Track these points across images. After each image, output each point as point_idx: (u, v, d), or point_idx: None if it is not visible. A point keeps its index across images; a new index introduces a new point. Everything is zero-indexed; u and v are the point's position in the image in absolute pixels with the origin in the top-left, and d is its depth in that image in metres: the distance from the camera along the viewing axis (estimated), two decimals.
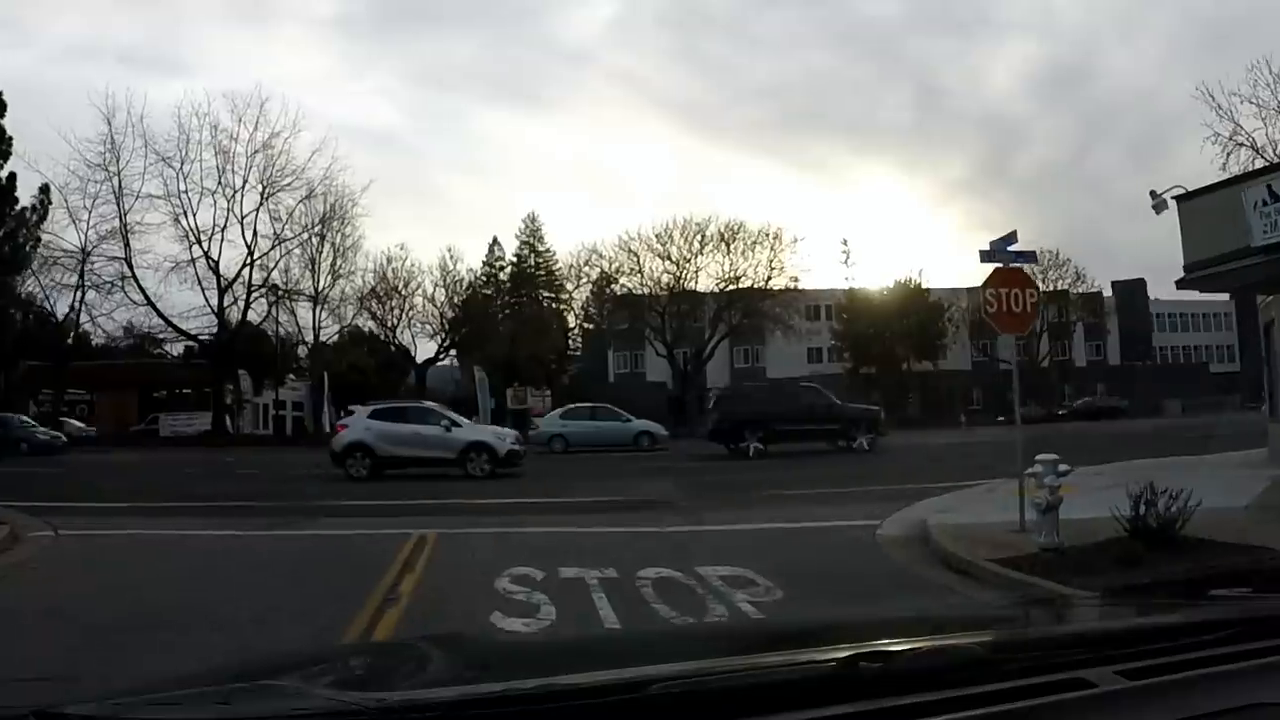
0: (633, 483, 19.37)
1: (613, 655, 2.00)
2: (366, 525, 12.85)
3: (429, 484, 20.03)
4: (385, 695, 1.37)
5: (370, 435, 21.79)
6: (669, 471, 22.65)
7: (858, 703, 1.31)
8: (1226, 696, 1.35)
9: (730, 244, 56.21)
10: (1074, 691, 1.35)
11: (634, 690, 1.33)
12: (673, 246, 56.66)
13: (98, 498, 16.54)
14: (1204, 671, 1.43)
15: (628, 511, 14.35)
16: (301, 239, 48.51)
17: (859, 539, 10.84)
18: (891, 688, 1.34)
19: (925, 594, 8.23)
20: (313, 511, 14.56)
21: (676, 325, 56.55)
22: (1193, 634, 1.58)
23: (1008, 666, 1.42)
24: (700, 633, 3.07)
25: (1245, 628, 1.60)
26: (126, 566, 9.87)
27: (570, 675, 1.45)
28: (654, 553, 9.63)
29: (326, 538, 12.04)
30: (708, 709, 1.31)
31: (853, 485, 16.92)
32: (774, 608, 7.19)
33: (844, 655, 1.41)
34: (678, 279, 56.57)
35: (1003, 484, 13.87)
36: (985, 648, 1.47)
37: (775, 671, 1.47)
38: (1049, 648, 1.58)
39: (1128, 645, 1.53)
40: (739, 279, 56.41)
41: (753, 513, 13.65)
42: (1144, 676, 1.40)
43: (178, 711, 1.42)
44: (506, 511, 14.60)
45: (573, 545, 10.48)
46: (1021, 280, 10.88)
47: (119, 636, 6.46)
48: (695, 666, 1.47)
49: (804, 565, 9.32)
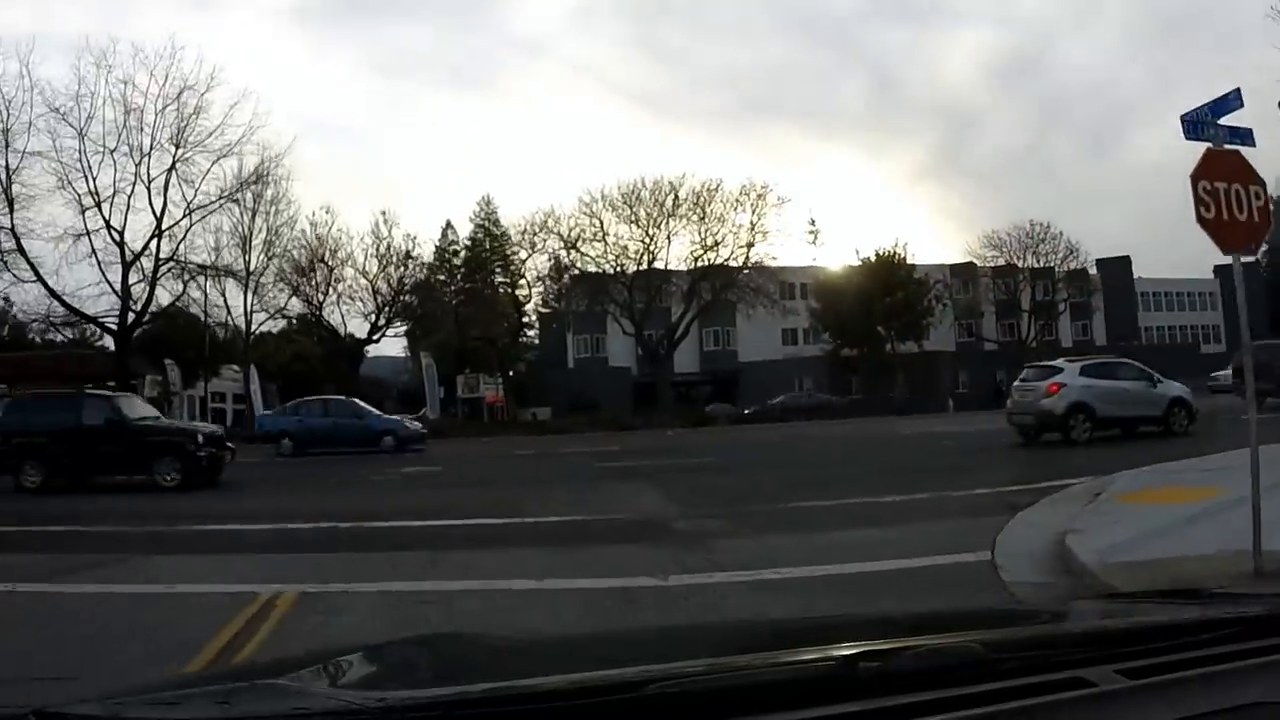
0: (601, 491, 15.42)
1: (611, 655, 1.92)
2: (189, 574, 8.67)
3: (337, 489, 16.07)
4: (385, 695, 1.36)
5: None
6: (654, 477, 17.27)
7: (857, 702, 1.30)
8: (1226, 696, 1.34)
9: (706, 206, 50.67)
10: (1073, 691, 1.34)
11: (632, 690, 1.31)
12: (641, 208, 50.64)
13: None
14: (1204, 671, 1.41)
15: (599, 542, 10.18)
16: (218, 206, 42.24)
17: (979, 584, 7.11)
18: (890, 687, 1.33)
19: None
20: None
21: (645, 302, 50.87)
22: (1193, 634, 1.57)
23: (1007, 666, 1.41)
24: (698, 632, 2.88)
25: (1245, 628, 1.59)
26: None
27: (569, 675, 1.44)
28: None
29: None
30: (706, 709, 1.29)
31: (889, 490, 12.83)
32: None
33: (843, 655, 1.40)
34: (646, 247, 50.81)
35: (1091, 484, 10.32)
36: (984, 647, 1.44)
37: (773, 671, 1.44)
38: (1048, 647, 1.55)
39: (1128, 645, 1.51)
40: (718, 244, 51.00)
41: (786, 540, 9.57)
42: (1144, 676, 1.39)
43: (178, 711, 1.41)
44: (408, 542, 10.36)
45: (522, 619, 6.68)
46: (1242, 171, 6.91)
47: None
48: (693, 666, 1.44)
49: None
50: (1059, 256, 62.20)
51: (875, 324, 56.31)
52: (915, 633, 1.71)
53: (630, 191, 50.29)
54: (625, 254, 50.69)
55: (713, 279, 51.08)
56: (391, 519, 12.17)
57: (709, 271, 50.97)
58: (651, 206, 50.32)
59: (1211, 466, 11.58)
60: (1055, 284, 63.70)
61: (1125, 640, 1.55)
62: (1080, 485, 11.40)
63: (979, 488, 12.43)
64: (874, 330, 56.85)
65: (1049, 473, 13.05)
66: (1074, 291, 64.36)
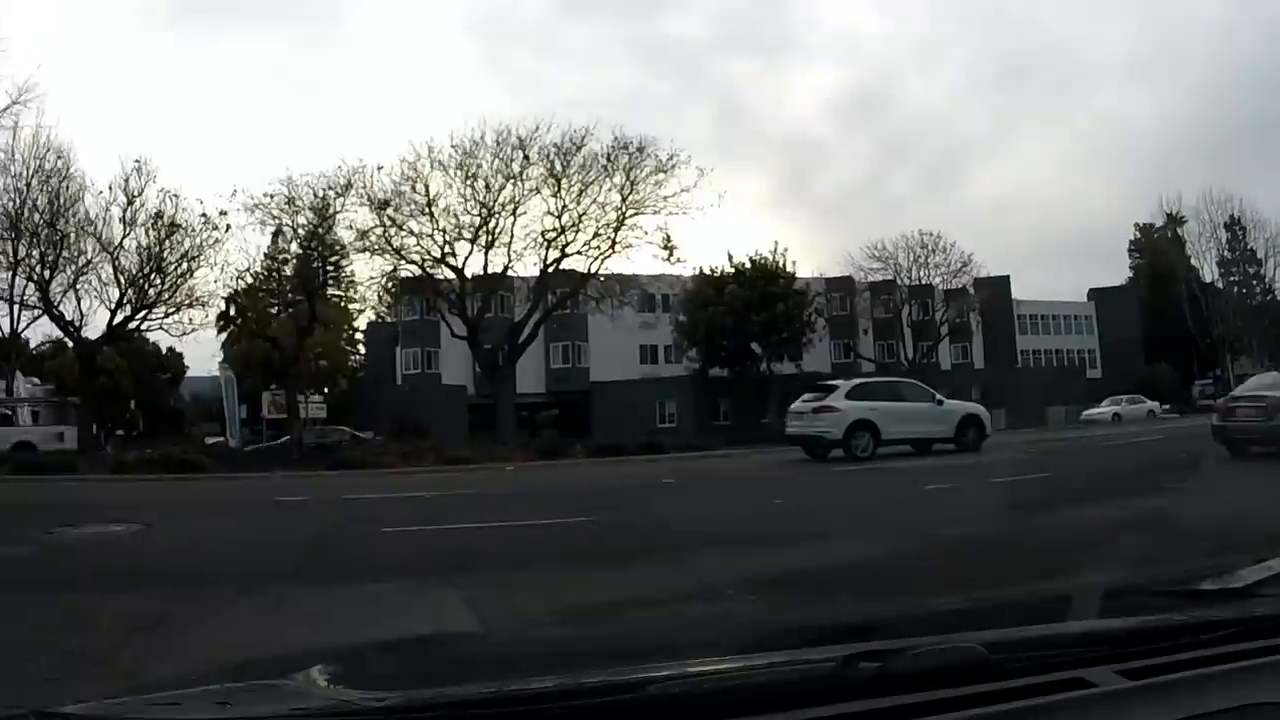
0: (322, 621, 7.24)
1: (611, 655, 1.93)
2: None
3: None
4: (385, 695, 1.37)
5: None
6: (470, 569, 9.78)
7: (856, 702, 1.30)
8: (1226, 696, 1.34)
9: (565, 165, 37.49)
10: (1074, 691, 1.35)
11: (632, 690, 1.32)
12: (479, 169, 37.35)
13: None
14: (1204, 671, 1.42)
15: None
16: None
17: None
18: (890, 687, 1.33)
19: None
20: None
21: (481, 296, 38.36)
22: (1193, 634, 1.59)
23: (1007, 666, 1.41)
24: (698, 632, 2.89)
25: (1245, 628, 1.60)
26: None
27: (569, 675, 1.46)
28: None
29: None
30: (706, 708, 1.29)
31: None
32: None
33: (843, 654, 1.40)
34: (485, 220, 37.50)
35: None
36: (985, 647, 1.44)
37: (773, 671, 1.45)
38: (1048, 647, 1.55)
39: (1128, 645, 1.52)
40: (577, 224, 38.04)
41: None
42: (1144, 676, 1.39)
43: (178, 711, 1.41)
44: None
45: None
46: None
47: None
48: (693, 666, 1.46)
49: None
50: (951, 271, 57.01)
51: (750, 340, 49.26)
52: (915, 632, 1.73)
53: (466, 151, 37.04)
54: (459, 230, 37.80)
55: (561, 284, 40.66)
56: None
57: (559, 275, 39.72)
58: (493, 172, 37.42)
59: None
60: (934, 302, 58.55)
61: (1125, 640, 1.55)
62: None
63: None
64: (748, 347, 49.82)
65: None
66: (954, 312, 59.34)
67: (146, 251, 34.73)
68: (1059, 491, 13.78)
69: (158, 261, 34.72)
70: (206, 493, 20.33)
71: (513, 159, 37.30)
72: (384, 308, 50.49)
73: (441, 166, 37.01)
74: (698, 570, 8.12)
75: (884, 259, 57.20)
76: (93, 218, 34.88)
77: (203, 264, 34.92)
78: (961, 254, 56.95)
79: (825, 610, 5.58)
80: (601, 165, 37.62)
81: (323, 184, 35.46)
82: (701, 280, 50.32)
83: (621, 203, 37.90)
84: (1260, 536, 7.21)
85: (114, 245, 34.74)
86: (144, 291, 35.12)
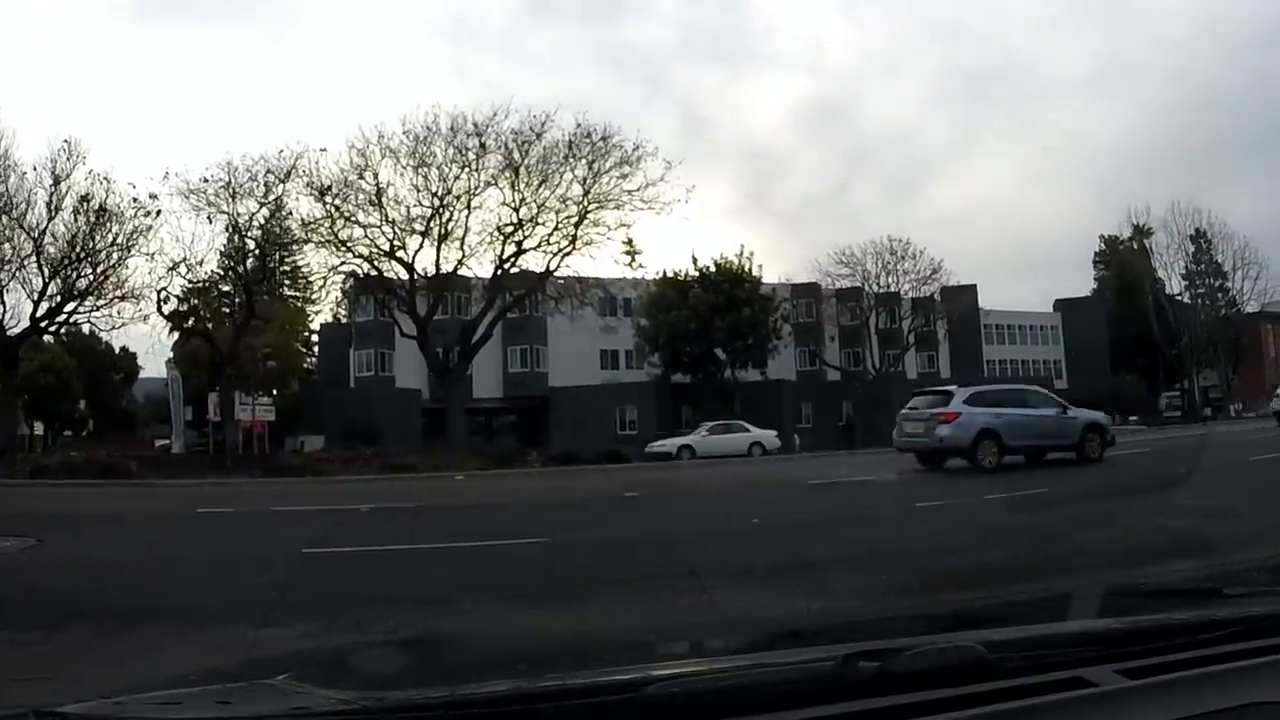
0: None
1: (611, 654, 1.91)
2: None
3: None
4: (385, 695, 1.36)
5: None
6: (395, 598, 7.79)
7: (856, 702, 1.28)
8: (1226, 696, 1.33)
9: (524, 153, 35.04)
10: (1073, 690, 1.33)
11: (632, 690, 1.30)
12: (432, 157, 34.90)
13: None
14: (1204, 671, 1.40)
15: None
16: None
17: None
18: (890, 687, 1.31)
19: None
20: None
21: (432, 296, 36.27)
22: (1193, 633, 1.56)
23: (1007, 665, 1.39)
24: (698, 632, 2.83)
25: (1245, 627, 1.58)
26: None
27: (569, 675, 1.45)
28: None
29: None
30: (705, 708, 1.27)
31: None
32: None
33: (843, 655, 1.37)
34: (437, 211, 34.99)
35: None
36: (984, 646, 1.41)
37: (773, 671, 1.43)
38: (1048, 646, 1.52)
39: (1128, 644, 1.50)
40: (539, 212, 35.61)
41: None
42: (1144, 675, 1.37)
43: (178, 711, 1.39)
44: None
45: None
46: None
47: None
48: (693, 666, 1.46)
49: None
50: (920, 278, 56.01)
51: (714, 345, 47.86)
52: (915, 632, 1.74)
53: (419, 139, 34.63)
54: (410, 223, 35.37)
55: (518, 284, 38.45)
56: None
57: (516, 275, 37.66)
58: (447, 161, 34.90)
59: None
60: (901, 310, 57.57)
61: (1125, 640, 1.54)
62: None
63: None
64: (711, 352, 48.42)
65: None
66: (920, 321, 58.37)
67: (73, 238, 32.17)
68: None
69: (86, 249, 32.14)
70: (125, 501, 18.53)
71: (468, 146, 34.86)
72: (340, 308, 48.52)
73: (392, 154, 34.57)
74: (677, 607, 6.73)
75: (852, 264, 56.16)
76: (16, 201, 32.06)
77: (135, 253, 32.49)
78: (931, 260, 55.97)
79: (823, 610, 5.47)
80: (563, 155, 35.03)
81: (263, 169, 33.01)
82: (665, 283, 48.20)
83: (583, 196, 35.45)
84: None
85: (38, 230, 32.09)
86: (72, 281, 32.60)
